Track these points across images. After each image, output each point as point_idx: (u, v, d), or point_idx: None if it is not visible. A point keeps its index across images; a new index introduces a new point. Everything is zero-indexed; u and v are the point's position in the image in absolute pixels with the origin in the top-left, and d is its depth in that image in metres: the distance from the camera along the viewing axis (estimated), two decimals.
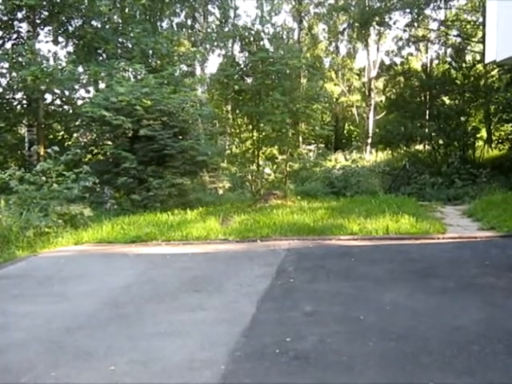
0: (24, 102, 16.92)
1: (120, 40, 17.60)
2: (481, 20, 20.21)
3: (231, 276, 5.88)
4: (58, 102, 17.26)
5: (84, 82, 15.77)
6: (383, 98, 27.01)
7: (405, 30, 22.98)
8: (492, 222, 8.85)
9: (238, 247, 7.83)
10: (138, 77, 15.63)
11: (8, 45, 16.68)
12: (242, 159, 13.53)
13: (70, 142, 15.72)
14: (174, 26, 23.45)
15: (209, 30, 23.84)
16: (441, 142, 20.20)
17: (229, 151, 15.77)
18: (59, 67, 14.94)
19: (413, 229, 8.49)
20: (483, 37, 13.05)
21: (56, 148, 10.21)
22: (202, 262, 6.91)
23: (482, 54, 14.49)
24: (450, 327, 4.08)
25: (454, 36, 23.20)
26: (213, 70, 27.39)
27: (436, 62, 24.70)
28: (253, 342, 3.85)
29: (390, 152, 23.20)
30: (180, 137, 12.50)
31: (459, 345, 3.69)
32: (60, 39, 17.60)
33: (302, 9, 27.94)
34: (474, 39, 22.05)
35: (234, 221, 9.51)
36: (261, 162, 13.47)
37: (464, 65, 20.71)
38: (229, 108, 25.34)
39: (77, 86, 15.91)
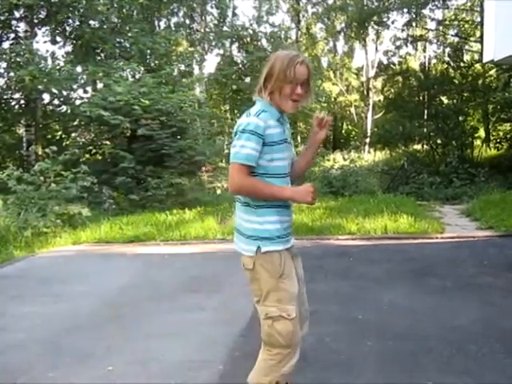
0: (22, 101, 16.91)
1: (118, 40, 17.61)
2: (479, 19, 20.24)
3: (229, 276, 5.87)
4: (55, 101, 17.27)
5: (82, 81, 15.76)
6: (381, 98, 27.05)
7: (403, 30, 23.03)
8: (490, 222, 8.86)
9: None
10: (136, 76, 15.63)
11: (6, 44, 16.68)
12: None
13: (68, 142, 15.69)
14: (172, 25, 23.45)
15: (207, 30, 23.84)
16: (439, 141, 20.24)
17: (227, 151, 15.78)
18: (57, 67, 14.94)
19: (411, 228, 8.49)
20: (481, 36, 13.06)
21: (54, 148, 10.19)
22: (200, 262, 6.91)
23: (480, 53, 14.52)
24: (448, 326, 4.08)
25: (452, 35, 23.25)
26: (211, 70, 27.41)
27: (434, 61, 24.74)
28: (251, 342, 3.85)
29: (388, 151, 23.23)
30: (178, 136, 12.50)
31: (457, 344, 3.69)
32: (58, 39, 17.60)
33: (300, 8, 27.95)
34: (472, 39, 22.09)
35: (232, 220, 9.50)
36: None
37: (462, 64, 20.76)
38: (227, 107, 25.30)
39: (75, 86, 15.90)
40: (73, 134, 15.28)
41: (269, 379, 2.41)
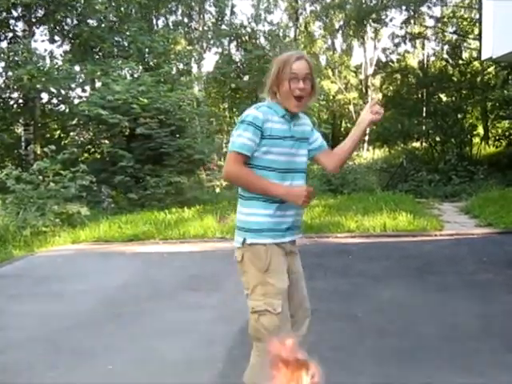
0: (20, 101, 16.86)
1: (116, 38, 17.57)
2: (477, 17, 20.22)
3: (229, 274, 5.86)
4: (54, 100, 17.20)
5: (80, 80, 15.74)
6: (380, 96, 27.00)
7: (401, 27, 22.99)
8: (489, 219, 8.88)
9: None
10: (135, 75, 15.62)
11: (4, 44, 16.64)
12: None
13: (66, 141, 15.65)
14: (170, 24, 23.39)
15: (205, 28, 23.78)
16: (438, 139, 20.24)
17: (225, 149, 15.76)
18: (55, 66, 14.91)
19: (410, 226, 8.50)
20: (480, 33, 13.05)
21: (53, 147, 10.18)
22: (199, 261, 6.91)
23: (479, 50, 14.49)
24: (447, 324, 4.09)
25: (450, 33, 23.20)
26: (209, 68, 27.35)
27: (432, 59, 24.67)
28: (251, 341, 3.84)
29: (387, 149, 23.22)
30: (177, 135, 12.49)
31: (457, 341, 3.69)
32: (56, 38, 17.56)
33: (298, 6, 27.90)
34: (470, 36, 22.05)
35: (231, 219, 9.49)
36: None
37: (461, 62, 20.74)
38: (226, 106, 25.24)
39: (73, 85, 15.86)
40: (71, 133, 15.26)
41: (262, 375, 2.41)
